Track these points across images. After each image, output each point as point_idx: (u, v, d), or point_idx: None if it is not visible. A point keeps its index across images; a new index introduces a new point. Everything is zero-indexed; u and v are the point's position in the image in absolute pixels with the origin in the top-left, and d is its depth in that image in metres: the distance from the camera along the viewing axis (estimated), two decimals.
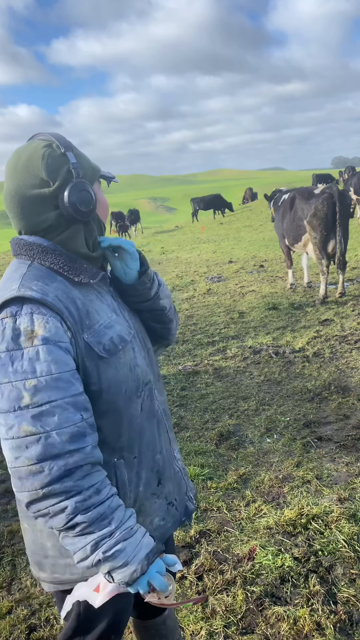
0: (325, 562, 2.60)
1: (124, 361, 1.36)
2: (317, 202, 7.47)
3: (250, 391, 4.95)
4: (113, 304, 1.43)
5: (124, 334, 1.38)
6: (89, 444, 1.23)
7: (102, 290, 1.42)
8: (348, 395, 4.60)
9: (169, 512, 1.52)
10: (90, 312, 1.32)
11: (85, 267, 1.34)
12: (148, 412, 1.45)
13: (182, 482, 1.61)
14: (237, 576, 2.58)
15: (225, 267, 12.23)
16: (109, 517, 1.24)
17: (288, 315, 7.41)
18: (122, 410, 1.36)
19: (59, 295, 1.27)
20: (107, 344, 1.32)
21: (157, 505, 1.47)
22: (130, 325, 1.45)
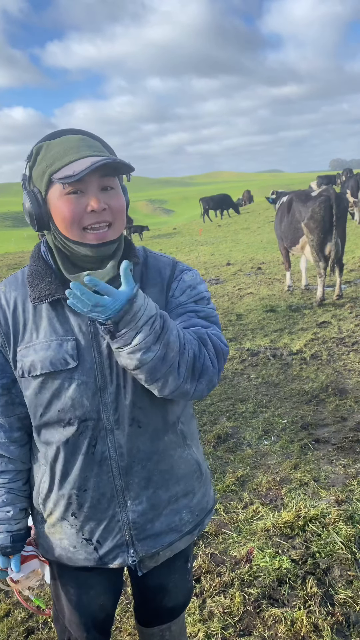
0: (323, 564, 2.61)
1: (47, 386, 1.32)
2: (314, 205, 7.49)
3: (247, 393, 4.96)
4: (80, 328, 1.31)
5: (51, 362, 1.29)
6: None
7: (70, 310, 1.32)
8: (345, 398, 4.61)
9: (84, 547, 1.44)
10: (31, 330, 1.33)
11: (41, 286, 1.31)
12: (76, 446, 1.35)
13: (121, 533, 1.42)
14: (235, 578, 2.58)
15: (223, 270, 12.24)
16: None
17: (286, 317, 7.43)
18: (38, 431, 1.41)
19: (9, 305, 1.36)
20: (26, 365, 1.33)
21: (68, 531, 1.44)
22: (89, 356, 1.31)
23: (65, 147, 1.26)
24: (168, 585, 1.64)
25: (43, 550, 1.52)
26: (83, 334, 1.31)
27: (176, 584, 1.67)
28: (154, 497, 1.43)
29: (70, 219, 1.23)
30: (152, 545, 1.46)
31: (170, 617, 1.75)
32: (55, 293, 1.30)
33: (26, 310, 1.34)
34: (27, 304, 1.34)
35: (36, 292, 1.32)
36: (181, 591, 1.70)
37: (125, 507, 1.41)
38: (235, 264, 12.97)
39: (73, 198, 1.23)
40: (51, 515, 1.45)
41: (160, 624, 1.75)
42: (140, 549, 1.45)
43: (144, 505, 1.42)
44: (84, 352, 1.31)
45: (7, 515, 1.44)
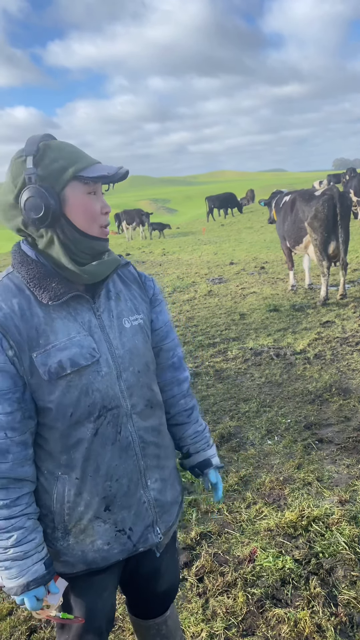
0: (326, 564, 2.60)
1: (76, 384, 1.34)
2: (318, 204, 7.47)
3: (251, 393, 4.95)
4: (91, 322, 1.40)
5: (78, 358, 1.34)
6: (9, 460, 1.31)
7: (81, 306, 1.39)
8: (349, 397, 4.60)
9: (118, 539, 1.47)
10: (46, 332, 1.32)
11: (53, 286, 1.34)
12: (105, 437, 1.40)
13: (148, 513, 1.52)
14: (238, 578, 2.58)
15: (226, 269, 12.23)
16: (9, 534, 1.33)
17: (289, 317, 7.41)
18: (64, 432, 1.37)
19: (14, 311, 1.31)
20: (52, 367, 1.32)
21: (101, 529, 1.45)
22: (110, 345, 1.42)
23: (76, 149, 1.37)
24: (160, 568, 1.67)
25: (69, 566, 1.46)
26: (94, 327, 1.39)
27: (168, 565, 1.70)
28: (162, 473, 1.56)
29: (92, 217, 1.35)
30: (168, 520, 1.58)
31: (167, 601, 1.78)
32: (70, 291, 1.35)
33: (35, 315, 1.33)
34: (34, 309, 1.33)
35: (50, 292, 1.33)
36: (173, 572, 1.75)
37: (147, 488, 1.51)
38: (238, 263, 12.96)
39: (93, 198, 1.36)
40: (80, 520, 1.42)
41: (157, 613, 1.77)
42: (161, 525, 1.56)
43: (159, 482, 1.54)
44: (99, 344, 1.39)
45: (34, 544, 1.37)
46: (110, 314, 1.44)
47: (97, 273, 1.38)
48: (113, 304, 1.46)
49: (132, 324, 1.48)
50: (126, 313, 1.49)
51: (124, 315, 1.48)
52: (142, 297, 1.57)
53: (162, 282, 11.19)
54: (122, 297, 1.50)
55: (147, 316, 1.56)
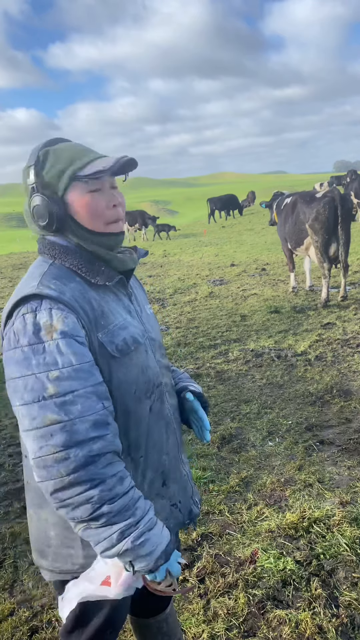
0: (327, 566, 2.60)
1: (135, 362, 1.39)
2: (319, 206, 7.48)
3: (252, 394, 4.95)
4: (130, 307, 1.47)
5: (137, 336, 1.41)
6: (110, 432, 1.27)
7: (119, 292, 1.46)
8: (350, 399, 4.60)
9: (172, 514, 1.54)
10: (105, 313, 1.36)
11: (102, 270, 1.38)
12: (157, 413, 1.47)
13: (188, 485, 1.63)
14: (239, 579, 2.58)
15: (227, 270, 12.24)
16: (133, 508, 1.27)
17: (290, 318, 7.42)
18: (130, 410, 1.39)
19: (75, 295, 1.32)
20: (119, 344, 1.35)
21: (160, 506, 1.48)
22: (145, 328, 1.50)
23: (78, 149, 1.38)
24: None
25: None
26: (133, 311, 1.48)
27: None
28: (184, 449, 1.67)
29: (95, 214, 1.37)
30: (197, 491, 1.70)
31: (166, 599, 1.78)
32: (117, 274, 1.41)
33: (92, 299, 1.35)
34: (88, 293, 1.35)
35: (102, 275, 1.37)
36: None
37: (183, 462, 1.63)
38: (239, 264, 12.96)
39: (96, 195, 1.36)
40: (147, 498, 1.41)
41: (157, 611, 1.77)
42: (197, 497, 1.67)
43: (185, 457, 1.66)
44: (145, 324, 1.51)
45: (153, 510, 1.35)
46: (138, 300, 1.55)
47: (128, 261, 1.46)
48: (136, 292, 1.57)
49: (150, 312, 1.61)
50: (144, 301, 1.61)
51: (145, 302, 1.60)
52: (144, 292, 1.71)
53: (163, 284, 11.20)
54: (139, 286, 1.64)
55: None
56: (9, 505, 3.52)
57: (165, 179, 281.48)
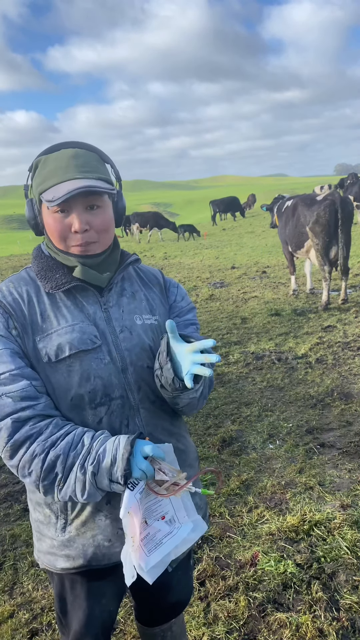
0: (328, 569, 2.59)
1: (75, 369, 1.37)
2: (319, 209, 7.48)
3: (252, 397, 4.95)
4: (96, 314, 1.43)
5: (78, 342, 1.37)
6: (41, 402, 1.32)
7: (86, 299, 1.44)
8: (351, 402, 4.60)
9: (120, 538, 1.42)
10: (49, 318, 1.39)
11: (56, 277, 1.41)
12: (111, 427, 1.40)
13: None
14: (240, 582, 2.57)
15: (228, 273, 12.24)
16: (80, 440, 1.30)
17: (291, 321, 7.42)
18: (68, 417, 1.38)
19: (21, 298, 1.40)
20: (50, 350, 1.36)
21: (102, 523, 1.42)
22: (114, 339, 1.43)
23: (56, 165, 1.36)
24: (172, 582, 1.64)
25: (70, 560, 1.44)
26: (99, 319, 1.43)
27: (179, 580, 1.68)
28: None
29: (57, 236, 1.38)
30: None
31: (173, 614, 1.76)
32: (72, 281, 1.40)
33: (41, 302, 1.41)
34: (42, 297, 1.42)
35: (52, 282, 1.40)
36: (184, 588, 1.73)
37: None
38: (240, 267, 12.97)
39: (59, 217, 1.35)
40: (82, 511, 1.41)
41: (163, 622, 1.76)
42: None
43: None
44: (104, 334, 1.42)
45: (104, 432, 1.34)
46: (121, 309, 1.48)
47: (89, 275, 1.41)
48: (126, 301, 1.51)
49: (145, 322, 1.50)
50: (139, 311, 1.51)
51: (137, 313, 1.51)
52: (162, 300, 1.61)
53: None
54: (137, 297, 1.54)
55: (163, 319, 1.56)
56: (9, 507, 3.52)
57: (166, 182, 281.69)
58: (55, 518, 1.44)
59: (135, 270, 1.62)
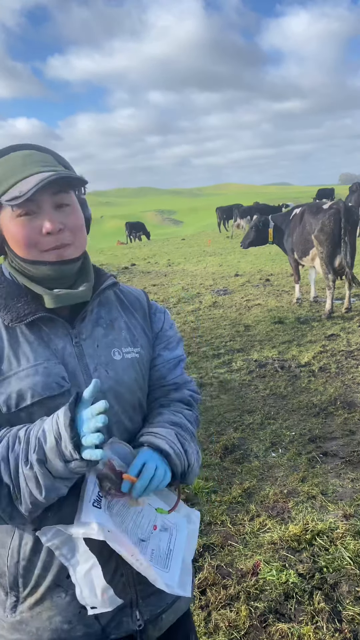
0: (330, 579, 2.57)
1: (38, 417, 1.14)
2: (324, 217, 7.49)
3: (255, 405, 4.93)
4: (65, 350, 1.21)
5: (41, 388, 1.15)
6: None
7: (53, 331, 1.22)
8: (354, 411, 4.58)
9: (82, 619, 1.18)
10: (9, 358, 1.16)
11: (18, 306, 1.19)
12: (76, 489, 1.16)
13: (125, 593, 1.22)
14: (241, 591, 2.55)
15: (231, 280, 12.24)
16: (15, 439, 1.09)
17: (294, 329, 7.40)
18: None
19: None
20: (12, 396, 1.14)
21: (61, 602, 1.18)
22: (78, 379, 1.21)
23: (11, 165, 1.18)
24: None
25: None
26: (69, 355, 1.21)
27: None
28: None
29: (25, 243, 1.16)
30: (156, 604, 1.28)
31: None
32: (36, 312, 1.18)
33: (0, 338, 1.18)
34: (0, 331, 1.19)
35: (13, 313, 1.18)
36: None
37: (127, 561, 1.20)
38: (243, 275, 12.97)
39: (26, 220, 1.15)
40: (37, 586, 1.18)
41: None
42: (144, 609, 1.26)
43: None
44: (73, 374, 1.20)
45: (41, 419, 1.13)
46: (95, 342, 1.26)
47: (65, 298, 1.19)
48: (102, 332, 1.28)
49: (125, 356, 1.29)
50: (118, 344, 1.29)
51: (115, 346, 1.29)
52: (144, 329, 1.39)
53: (167, 293, 11.20)
54: (116, 326, 1.32)
55: (146, 351, 1.37)
56: None
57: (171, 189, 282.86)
58: (5, 595, 1.20)
59: (115, 292, 1.39)
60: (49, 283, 1.20)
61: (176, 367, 1.43)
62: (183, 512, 1.30)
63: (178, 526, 1.26)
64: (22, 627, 1.19)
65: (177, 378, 1.43)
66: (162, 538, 1.21)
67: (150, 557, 1.15)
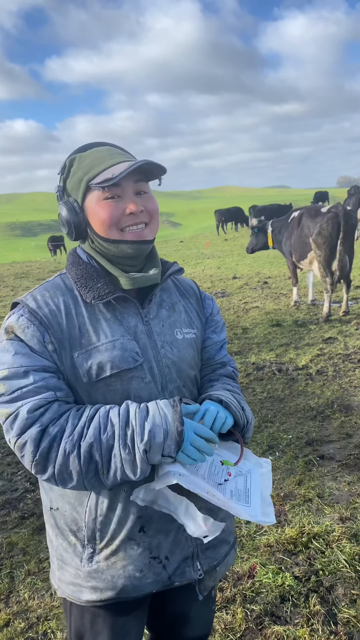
0: (326, 582, 2.58)
1: (115, 388, 1.30)
2: (322, 221, 7.51)
3: (252, 408, 4.94)
4: (137, 327, 1.36)
5: (119, 361, 1.30)
6: (57, 399, 1.24)
7: (126, 310, 1.37)
8: (351, 414, 4.59)
9: (151, 567, 1.35)
10: (88, 332, 1.30)
11: (98, 286, 1.33)
12: None
13: (188, 543, 1.41)
14: (237, 594, 2.55)
15: (229, 283, 12.26)
16: (107, 421, 1.21)
17: (292, 332, 7.42)
18: None
19: (58, 309, 1.31)
20: (93, 368, 1.28)
21: (134, 553, 1.34)
22: (155, 355, 1.37)
23: (99, 155, 1.35)
24: (190, 613, 1.55)
25: (97, 592, 1.35)
26: (140, 332, 1.36)
27: (197, 612, 1.56)
28: (207, 502, 1.30)
29: (109, 221, 1.31)
30: (213, 557, 1.46)
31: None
32: (114, 292, 1.32)
33: (79, 314, 1.32)
34: (80, 308, 1.33)
35: (94, 292, 1.32)
36: (203, 620, 1.62)
37: None
38: (241, 277, 12.99)
39: (112, 202, 1.31)
40: (113, 540, 1.33)
41: None
42: (203, 561, 1.43)
43: (203, 510, 1.31)
44: (144, 350, 1.35)
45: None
46: (161, 322, 1.42)
47: (140, 280, 1.35)
48: (166, 313, 1.44)
49: (185, 336, 1.45)
50: (179, 324, 1.46)
51: (177, 327, 1.45)
52: (198, 313, 1.56)
53: None
54: (177, 309, 1.49)
55: (200, 332, 1.54)
56: (6, 514, 3.50)
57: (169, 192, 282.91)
58: (82, 547, 1.35)
59: (172, 280, 1.56)
60: (125, 263, 1.36)
61: (222, 349, 1.60)
62: (253, 460, 1.43)
63: (251, 471, 1.39)
64: (98, 575, 1.34)
65: (223, 357, 1.59)
66: (238, 481, 1.35)
67: (230, 496, 1.29)
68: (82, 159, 1.36)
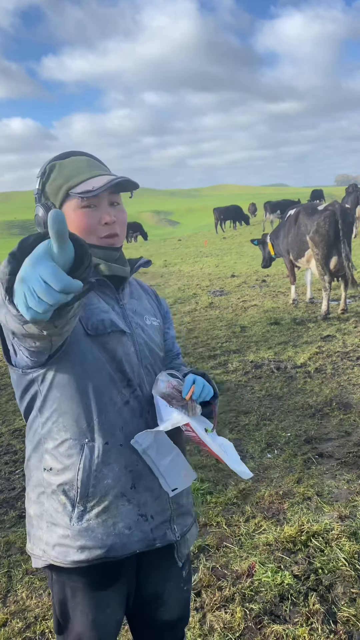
0: (326, 581, 2.57)
1: (111, 347, 1.42)
2: (319, 219, 7.50)
3: (251, 406, 4.93)
4: (114, 307, 1.49)
5: (118, 322, 1.44)
6: None
7: (105, 292, 1.49)
8: (349, 412, 4.58)
9: (139, 525, 1.43)
10: (89, 297, 1.42)
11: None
12: (134, 410, 1.44)
13: (167, 505, 1.50)
14: (236, 593, 2.54)
15: (228, 281, 12.25)
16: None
17: (290, 330, 7.41)
18: (98, 389, 1.39)
19: None
20: (96, 323, 1.40)
21: (125, 510, 1.41)
22: (132, 331, 1.50)
23: (79, 165, 1.46)
24: (163, 594, 1.58)
25: (85, 552, 1.38)
26: (116, 313, 1.48)
27: (171, 593, 1.60)
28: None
29: (86, 230, 1.41)
30: (183, 523, 1.56)
31: (172, 636, 1.67)
32: (96, 275, 1.44)
33: None
34: None
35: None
36: (177, 601, 1.64)
37: None
38: (239, 276, 12.98)
39: (88, 212, 1.41)
40: (105, 496, 1.39)
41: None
42: (177, 526, 1.53)
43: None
44: (128, 326, 1.50)
45: None
46: (133, 307, 1.56)
47: (117, 269, 1.47)
48: (136, 302, 1.59)
49: (153, 323, 1.61)
50: (147, 312, 1.61)
51: (145, 314, 1.60)
52: (158, 308, 1.72)
53: (164, 294, 11.19)
54: (143, 300, 1.64)
55: (160, 324, 1.68)
56: (4, 513, 3.49)
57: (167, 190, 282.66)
58: (72, 506, 1.39)
59: (135, 280, 1.71)
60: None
61: (175, 342, 1.77)
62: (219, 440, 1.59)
63: (223, 441, 1.58)
64: (88, 533, 1.39)
65: (178, 350, 1.79)
66: (214, 438, 1.53)
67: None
68: (63, 167, 1.46)
